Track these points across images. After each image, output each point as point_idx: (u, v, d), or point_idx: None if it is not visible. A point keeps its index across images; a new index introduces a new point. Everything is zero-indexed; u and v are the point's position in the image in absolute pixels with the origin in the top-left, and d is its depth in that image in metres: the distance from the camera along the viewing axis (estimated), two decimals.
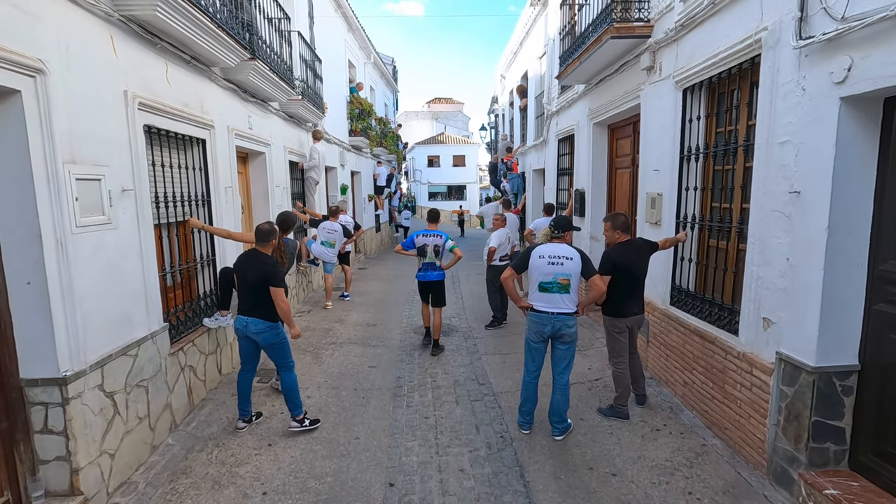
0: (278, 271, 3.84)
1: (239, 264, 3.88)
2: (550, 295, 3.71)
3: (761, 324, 3.26)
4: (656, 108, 4.79)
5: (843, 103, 2.60)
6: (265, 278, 3.72)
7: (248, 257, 3.85)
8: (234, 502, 3.11)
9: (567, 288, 3.69)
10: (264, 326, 3.79)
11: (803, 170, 2.85)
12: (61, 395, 2.72)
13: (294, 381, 3.96)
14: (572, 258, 3.69)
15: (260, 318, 3.77)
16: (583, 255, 3.75)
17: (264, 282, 3.71)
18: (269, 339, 3.83)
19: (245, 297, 3.81)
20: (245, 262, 3.84)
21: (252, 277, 3.73)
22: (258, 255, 3.82)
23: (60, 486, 2.80)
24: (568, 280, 3.68)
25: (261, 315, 3.77)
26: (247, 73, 5.14)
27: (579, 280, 3.74)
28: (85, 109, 2.96)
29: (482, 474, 3.42)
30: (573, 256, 3.70)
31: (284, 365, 3.94)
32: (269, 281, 3.71)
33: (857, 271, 2.72)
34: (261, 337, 3.81)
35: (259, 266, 3.76)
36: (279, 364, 3.96)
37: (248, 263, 3.81)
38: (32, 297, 2.64)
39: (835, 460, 2.88)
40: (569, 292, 3.70)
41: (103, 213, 3.11)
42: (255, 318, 3.77)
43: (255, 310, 3.77)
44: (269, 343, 3.85)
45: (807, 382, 2.84)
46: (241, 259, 3.90)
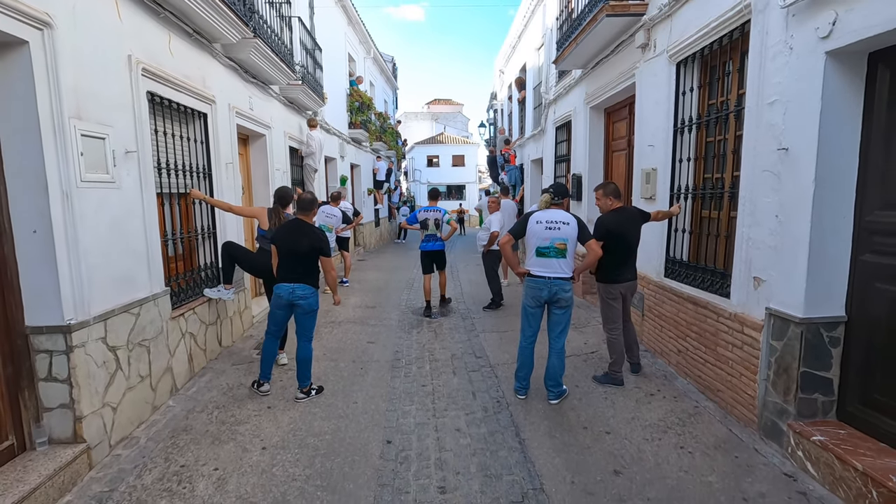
0: (328, 242, 4.06)
1: (287, 234, 3.93)
2: (547, 260, 3.77)
3: (752, 283, 3.33)
4: (651, 84, 4.87)
5: (828, 58, 2.67)
6: (320, 248, 3.93)
7: (298, 227, 3.94)
8: (233, 455, 3.16)
9: (564, 253, 3.75)
10: (310, 292, 3.94)
11: (791, 127, 2.93)
12: (65, 343, 2.78)
13: (311, 352, 4.08)
14: (569, 223, 3.76)
15: (308, 284, 3.93)
16: (579, 221, 3.81)
17: (318, 251, 3.92)
18: (312, 304, 3.98)
19: (293, 265, 3.90)
20: (295, 232, 3.92)
21: (305, 245, 3.87)
22: (307, 226, 3.96)
23: (63, 434, 2.85)
24: (564, 245, 3.74)
25: (308, 282, 3.93)
26: (248, 51, 5.21)
27: (575, 245, 3.80)
28: (90, 68, 3.03)
29: (478, 433, 3.47)
30: (570, 221, 3.77)
31: (309, 335, 4.06)
32: (323, 251, 3.95)
33: (843, 223, 2.79)
34: (307, 301, 3.93)
35: (312, 236, 3.92)
36: (307, 332, 4.05)
37: (298, 233, 3.91)
38: (38, 245, 2.71)
39: (823, 411, 2.94)
40: (565, 257, 3.76)
41: (107, 171, 3.18)
42: (304, 284, 3.90)
43: (304, 277, 3.91)
44: (311, 309, 3.98)
45: (795, 335, 2.91)
46: (287, 229, 3.96)
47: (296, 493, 2.80)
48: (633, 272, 4.17)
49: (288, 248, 3.90)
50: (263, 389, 4.05)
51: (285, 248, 3.92)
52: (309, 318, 4.00)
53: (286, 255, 3.92)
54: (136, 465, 3.04)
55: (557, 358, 3.86)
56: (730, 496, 2.71)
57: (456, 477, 2.95)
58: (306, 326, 4.01)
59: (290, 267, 3.91)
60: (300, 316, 3.98)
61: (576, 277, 3.86)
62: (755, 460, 3.04)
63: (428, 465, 3.09)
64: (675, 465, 3.03)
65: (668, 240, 4.58)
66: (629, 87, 5.47)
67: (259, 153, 6.63)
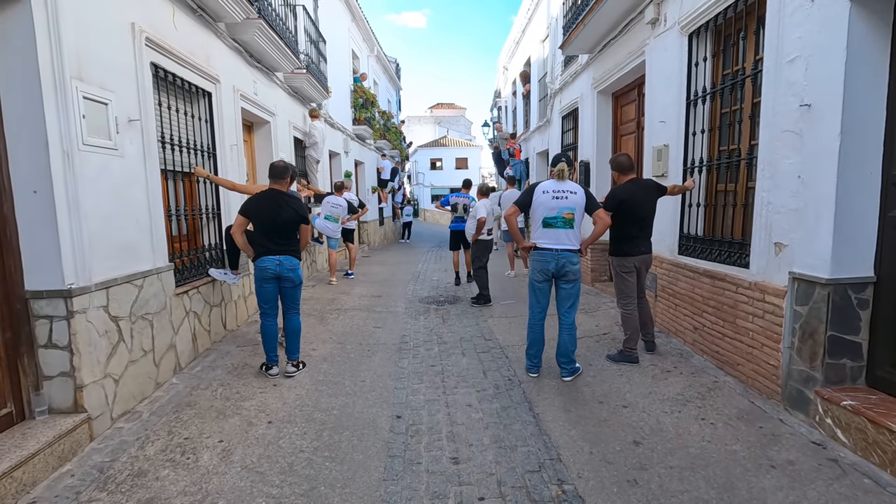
0: (305, 208, 4.04)
1: (265, 205, 3.77)
2: (555, 231, 3.66)
3: (773, 250, 3.22)
4: (662, 60, 4.78)
5: (853, 6, 2.58)
6: (303, 217, 3.87)
7: (275, 198, 3.79)
8: (238, 429, 3.06)
9: (571, 223, 3.64)
10: (297, 263, 3.88)
11: (813, 82, 2.83)
12: (66, 309, 2.70)
13: (300, 323, 3.97)
14: (577, 192, 3.66)
15: (293, 256, 3.84)
16: (586, 191, 3.71)
17: (301, 220, 3.86)
18: (299, 274, 3.90)
19: (276, 237, 3.78)
20: (273, 203, 3.77)
21: (287, 216, 3.78)
22: (283, 195, 3.84)
23: (64, 403, 2.76)
24: (572, 214, 3.63)
25: (293, 254, 3.85)
26: (252, 31, 5.16)
27: (583, 216, 3.70)
28: (93, 30, 2.97)
29: (490, 409, 3.36)
30: (577, 191, 3.67)
31: (297, 307, 3.99)
32: (304, 219, 3.89)
33: (870, 179, 2.69)
34: (295, 273, 3.85)
35: (292, 205, 3.83)
36: (294, 305, 3.97)
37: (277, 203, 3.77)
38: (39, 206, 2.63)
39: (851, 377, 2.82)
40: (573, 227, 3.65)
41: (110, 138, 3.11)
42: (290, 256, 3.82)
43: (289, 248, 3.83)
44: (299, 281, 3.91)
45: (821, 297, 2.79)
46: (264, 200, 3.79)
47: (303, 463, 2.69)
48: (648, 245, 4.06)
49: (268, 219, 3.77)
50: (273, 372, 3.94)
51: (266, 219, 3.78)
52: (297, 291, 3.95)
53: (266, 226, 3.79)
54: (138, 437, 2.94)
55: (568, 334, 3.75)
56: (756, 463, 2.59)
57: (469, 448, 2.84)
58: (295, 298, 3.95)
59: (272, 239, 3.80)
60: (289, 290, 3.90)
61: (583, 251, 3.75)
62: (781, 430, 2.91)
63: (440, 437, 2.98)
64: (696, 435, 2.91)
65: (682, 216, 4.47)
66: (638, 66, 5.39)
67: (263, 140, 6.58)
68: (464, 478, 2.55)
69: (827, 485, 2.39)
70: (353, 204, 8.06)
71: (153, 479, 2.52)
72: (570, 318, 3.77)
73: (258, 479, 2.54)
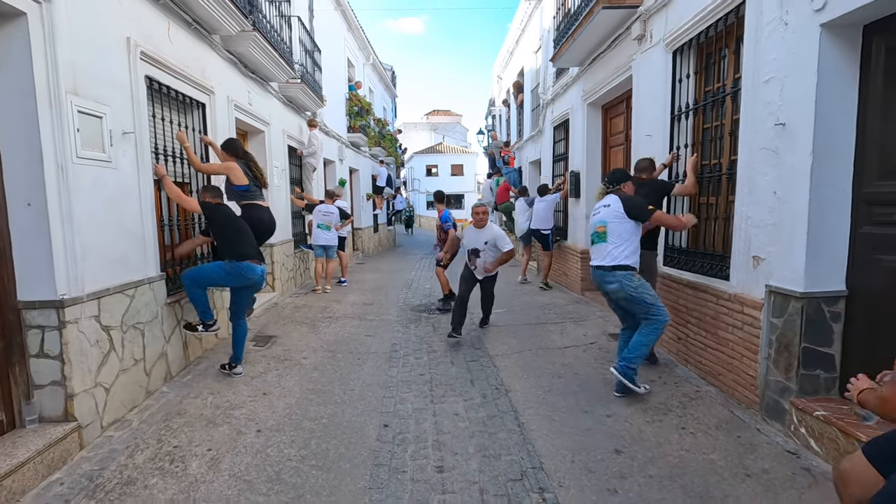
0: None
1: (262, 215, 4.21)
2: (594, 247, 3.65)
3: (751, 263, 3.31)
4: (648, 75, 4.89)
5: (823, 31, 2.69)
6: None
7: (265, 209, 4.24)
8: (228, 438, 3.11)
9: (604, 237, 3.53)
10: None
11: (787, 102, 2.93)
12: (58, 319, 2.74)
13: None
14: (609, 204, 3.57)
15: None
16: (622, 197, 3.56)
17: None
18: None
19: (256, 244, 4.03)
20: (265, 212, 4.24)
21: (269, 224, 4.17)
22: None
23: (54, 412, 2.80)
24: (604, 227, 3.54)
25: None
26: (247, 44, 5.24)
27: (623, 223, 3.50)
28: (88, 46, 3.04)
29: (477, 417, 3.42)
30: (610, 203, 3.57)
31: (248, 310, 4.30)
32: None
33: (842, 196, 2.78)
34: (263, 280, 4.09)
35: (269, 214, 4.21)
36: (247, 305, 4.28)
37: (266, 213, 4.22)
38: (32, 218, 2.68)
39: (825, 388, 2.90)
40: (606, 241, 3.51)
41: (104, 150, 3.17)
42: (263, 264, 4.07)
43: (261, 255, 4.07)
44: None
45: (796, 310, 2.88)
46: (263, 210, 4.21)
47: (290, 471, 2.74)
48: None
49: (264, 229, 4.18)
50: (237, 371, 4.09)
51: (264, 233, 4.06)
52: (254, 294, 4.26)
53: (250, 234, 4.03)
54: (128, 445, 2.98)
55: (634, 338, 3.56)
56: (732, 472, 2.66)
57: (454, 457, 2.90)
58: (249, 302, 4.24)
59: (256, 246, 4.02)
60: (251, 294, 4.20)
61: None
62: (757, 439, 2.99)
63: (425, 446, 3.04)
64: (676, 444, 2.98)
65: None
66: (626, 80, 5.50)
67: (258, 149, 6.63)
68: (447, 486, 2.61)
69: (799, 493, 2.47)
70: (345, 210, 8.13)
71: (142, 488, 2.56)
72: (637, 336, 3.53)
73: (245, 487, 2.59)
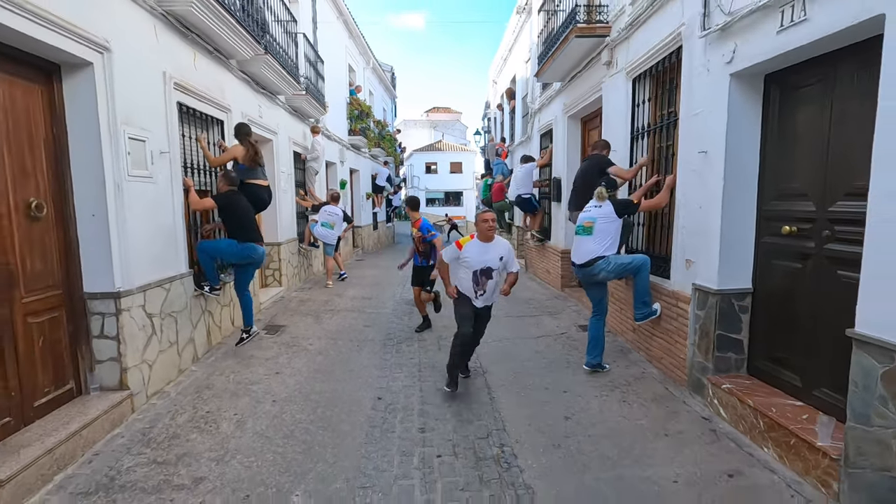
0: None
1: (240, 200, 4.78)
2: (577, 237, 4.43)
3: (685, 265, 3.97)
4: (614, 97, 5.54)
5: (732, 79, 3.34)
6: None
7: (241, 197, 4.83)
8: (249, 406, 3.78)
9: (590, 230, 4.29)
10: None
11: (708, 133, 3.58)
12: (115, 307, 3.41)
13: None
14: (601, 206, 4.31)
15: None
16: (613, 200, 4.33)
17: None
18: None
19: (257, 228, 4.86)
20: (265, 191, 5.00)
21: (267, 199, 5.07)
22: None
23: (112, 382, 3.47)
24: (591, 223, 4.29)
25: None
26: (259, 65, 5.88)
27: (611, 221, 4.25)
28: (135, 82, 3.69)
29: (456, 393, 4.09)
30: (602, 205, 4.31)
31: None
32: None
33: (748, 212, 3.44)
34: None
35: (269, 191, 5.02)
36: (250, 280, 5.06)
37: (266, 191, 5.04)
38: (96, 227, 3.35)
39: (735, 367, 3.57)
40: (591, 234, 4.26)
41: (147, 168, 3.83)
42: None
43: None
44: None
45: (712, 304, 3.55)
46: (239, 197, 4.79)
47: (301, 431, 3.41)
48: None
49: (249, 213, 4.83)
50: (253, 332, 5.09)
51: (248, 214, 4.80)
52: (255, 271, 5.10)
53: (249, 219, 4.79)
54: (169, 410, 3.66)
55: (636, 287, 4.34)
56: (655, 433, 3.34)
57: (434, 422, 3.57)
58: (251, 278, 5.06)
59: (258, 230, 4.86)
60: (253, 270, 5.03)
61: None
62: (681, 409, 3.67)
63: (412, 414, 3.71)
64: (616, 413, 3.65)
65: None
66: (598, 99, 6.14)
67: (267, 155, 7.24)
68: (427, 442, 3.28)
69: (702, 446, 3.15)
70: (347, 213, 8.78)
71: (185, 440, 3.24)
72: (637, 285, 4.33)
73: (266, 441, 3.26)
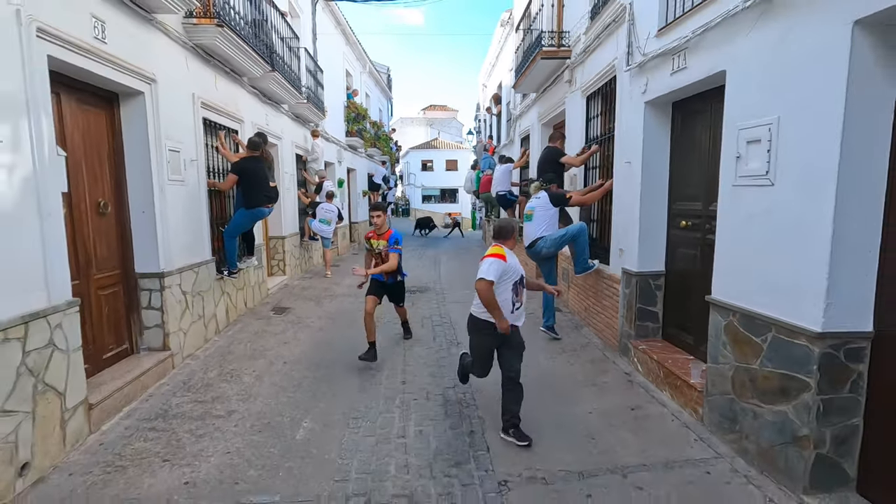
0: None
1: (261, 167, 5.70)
2: (525, 223, 5.44)
3: (619, 253, 4.89)
4: (573, 111, 6.44)
5: (646, 105, 4.24)
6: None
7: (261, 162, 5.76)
8: (264, 366, 4.69)
9: (530, 217, 5.34)
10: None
11: (632, 147, 4.49)
12: (160, 285, 4.31)
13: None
14: (540, 197, 5.32)
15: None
16: (549, 193, 5.30)
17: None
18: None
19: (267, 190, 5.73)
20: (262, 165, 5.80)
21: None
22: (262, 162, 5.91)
23: (156, 344, 4.37)
24: (532, 212, 5.34)
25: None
26: (268, 81, 6.76)
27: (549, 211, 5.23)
28: (173, 104, 4.57)
29: (433, 357, 5.00)
30: (541, 196, 5.32)
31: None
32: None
33: (661, 210, 4.35)
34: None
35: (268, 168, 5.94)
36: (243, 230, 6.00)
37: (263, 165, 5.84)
38: (145, 221, 4.24)
39: (652, 333, 4.49)
40: (531, 221, 5.31)
41: (180, 173, 4.72)
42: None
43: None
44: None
45: (634, 283, 4.46)
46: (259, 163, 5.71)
47: (308, 383, 4.32)
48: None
49: (263, 176, 5.70)
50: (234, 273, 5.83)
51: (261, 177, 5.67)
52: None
53: (263, 182, 5.67)
54: (201, 368, 4.57)
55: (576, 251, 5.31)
56: (585, 383, 4.26)
57: (414, 376, 4.49)
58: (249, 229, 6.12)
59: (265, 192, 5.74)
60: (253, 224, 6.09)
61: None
62: (611, 367, 4.59)
63: (396, 371, 4.63)
64: (559, 370, 4.58)
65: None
66: (563, 111, 7.04)
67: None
68: (407, 389, 4.20)
69: (618, 391, 4.07)
70: (341, 211, 9.67)
71: (216, 388, 4.15)
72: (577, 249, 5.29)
73: (280, 389, 4.17)
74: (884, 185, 2.36)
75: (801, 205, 2.55)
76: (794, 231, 2.60)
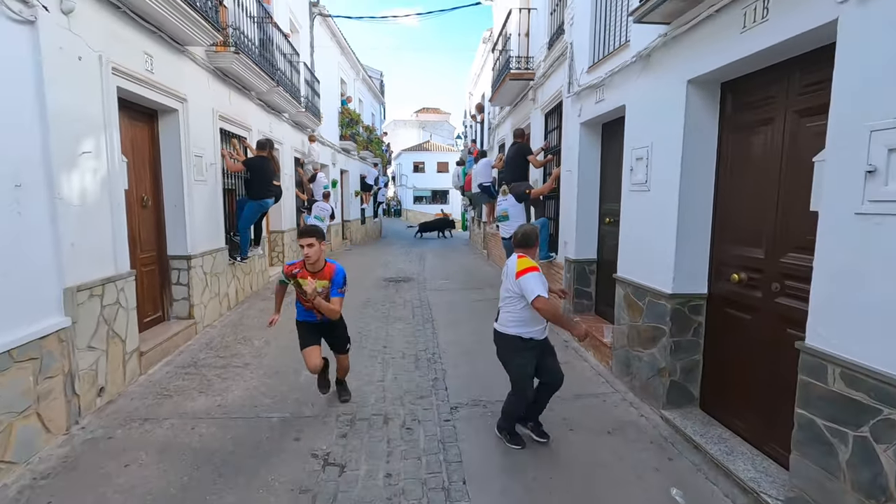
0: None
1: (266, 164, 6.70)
2: (501, 223, 6.55)
3: (564, 245, 5.95)
4: (536, 125, 7.51)
5: (581, 126, 5.31)
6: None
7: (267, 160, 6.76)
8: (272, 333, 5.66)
9: (506, 218, 6.43)
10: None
11: (572, 158, 5.56)
12: (187, 265, 5.30)
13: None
14: (507, 198, 6.45)
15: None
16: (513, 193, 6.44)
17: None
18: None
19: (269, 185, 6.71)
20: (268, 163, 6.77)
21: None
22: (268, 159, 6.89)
23: (183, 314, 5.36)
24: (506, 213, 6.44)
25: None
26: (272, 95, 7.76)
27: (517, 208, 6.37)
28: (198, 118, 5.57)
29: (411, 330, 6.03)
30: (508, 198, 6.44)
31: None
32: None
33: (593, 209, 5.42)
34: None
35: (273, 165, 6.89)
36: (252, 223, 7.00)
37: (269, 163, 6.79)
38: (176, 213, 5.23)
39: (588, 309, 5.56)
40: (508, 220, 6.40)
41: (203, 175, 5.71)
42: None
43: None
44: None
45: (574, 268, 5.53)
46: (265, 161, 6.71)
47: None
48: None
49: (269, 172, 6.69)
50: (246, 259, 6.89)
51: (267, 174, 6.65)
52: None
53: (269, 177, 6.67)
54: (219, 334, 5.57)
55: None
56: None
57: (393, 344, 5.52)
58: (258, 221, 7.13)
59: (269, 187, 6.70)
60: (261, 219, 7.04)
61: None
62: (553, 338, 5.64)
63: (378, 341, 5.65)
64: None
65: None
66: (529, 123, 8.11)
67: None
68: (387, 353, 5.22)
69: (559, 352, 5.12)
70: (335, 210, 10.67)
71: (233, 348, 5.15)
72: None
73: (286, 350, 5.17)
74: (711, 193, 3.43)
75: (661, 206, 3.62)
76: (657, 224, 3.66)
